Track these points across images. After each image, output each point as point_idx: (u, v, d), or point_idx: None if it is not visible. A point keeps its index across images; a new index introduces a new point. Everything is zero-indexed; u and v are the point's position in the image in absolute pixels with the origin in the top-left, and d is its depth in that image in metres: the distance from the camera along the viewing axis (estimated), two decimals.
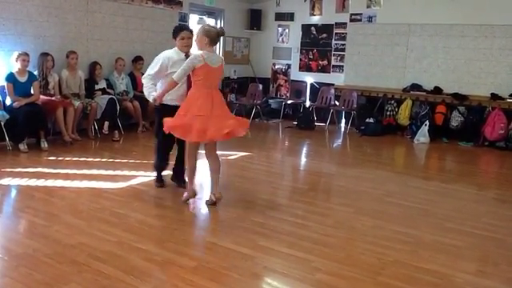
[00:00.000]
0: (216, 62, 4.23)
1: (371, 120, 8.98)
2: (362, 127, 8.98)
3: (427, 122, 8.42)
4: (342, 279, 3.09)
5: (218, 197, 4.43)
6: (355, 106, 9.39)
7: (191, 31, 4.65)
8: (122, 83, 7.79)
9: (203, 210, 4.58)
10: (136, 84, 8.11)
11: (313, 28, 10.25)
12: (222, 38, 4.57)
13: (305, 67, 10.48)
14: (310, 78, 10.37)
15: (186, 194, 4.52)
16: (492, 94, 8.25)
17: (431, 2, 8.76)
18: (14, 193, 4.73)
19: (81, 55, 7.15)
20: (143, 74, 8.27)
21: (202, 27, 4.30)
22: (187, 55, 4.51)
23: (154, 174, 5.00)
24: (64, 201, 4.44)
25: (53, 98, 6.63)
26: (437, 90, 8.75)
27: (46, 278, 2.92)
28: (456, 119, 8.39)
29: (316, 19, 10.21)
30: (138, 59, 8.13)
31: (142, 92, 8.02)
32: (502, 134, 7.94)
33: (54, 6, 7.01)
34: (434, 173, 6.73)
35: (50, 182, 4.92)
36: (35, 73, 6.51)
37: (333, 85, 9.88)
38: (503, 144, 7.98)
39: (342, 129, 9.67)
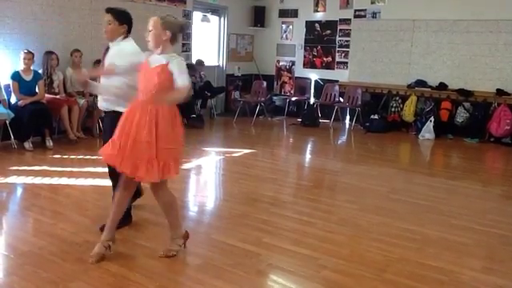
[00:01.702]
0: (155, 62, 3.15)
1: (376, 117, 8.95)
2: (367, 124, 8.96)
3: (432, 119, 8.39)
4: (347, 276, 3.09)
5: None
6: (360, 102, 9.35)
7: (107, 11, 3.61)
8: None
9: (208, 207, 4.60)
10: None
11: (317, 24, 10.22)
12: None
13: (309, 64, 10.45)
14: (314, 75, 10.34)
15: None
16: (498, 90, 8.20)
17: None
18: (19, 191, 4.75)
19: (85, 54, 7.16)
20: None
21: (160, 17, 3.32)
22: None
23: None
24: (69, 199, 4.45)
25: (58, 97, 6.65)
26: (442, 86, 8.70)
27: (51, 276, 2.92)
28: (461, 115, 8.36)
29: (320, 16, 10.17)
30: None
31: None
32: (508, 129, 7.89)
33: (58, 4, 7.02)
34: (439, 169, 6.71)
35: (55, 180, 4.94)
36: (40, 71, 6.52)
37: (337, 81, 9.85)
38: (509, 140, 7.94)
39: (347, 126, 9.64)
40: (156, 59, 3.17)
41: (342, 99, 9.68)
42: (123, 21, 3.61)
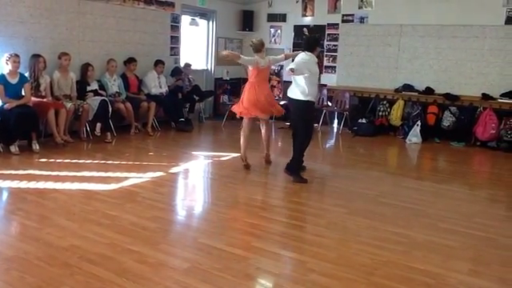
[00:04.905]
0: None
1: (364, 120, 9.01)
2: (355, 128, 9.00)
3: (419, 123, 8.46)
4: (335, 280, 3.09)
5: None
6: (348, 106, 9.42)
7: None
8: (114, 84, 7.75)
9: (196, 211, 4.59)
10: (128, 85, 8.08)
11: (305, 29, 10.27)
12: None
13: None
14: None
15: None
16: (483, 94, 8.30)
17: (422, 2, 8.81)
18: (5, 195, 4.69)
19: (72, 57, 7.10)
20: (136, 76, 8.37)
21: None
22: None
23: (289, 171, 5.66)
24: (56, 203, 4.40)
25: (44, 100, 6.58)
26: (429, 91, 8.80)
27: (37, 281, 2.89)
28: (448, 119, 8.44)
29: (308, 20, 10.22)
30: (131, 60, 8.10)
31: (135, 93, 8.13)
32: (494, 133, 7.99)
33: (45, 7, 6.97)
34: (426, 173, 6.76)
35: (41, 184, 4.88)
36: (26, 74, 6.46)
37: (325, 85, 9.90)
38: (494, 144, 8.04)
39: (335, 129, 9.69)
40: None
41: (330, 103, 9.73)
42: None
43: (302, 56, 5.61)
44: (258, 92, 5.87)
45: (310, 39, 5.96)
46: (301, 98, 5.46)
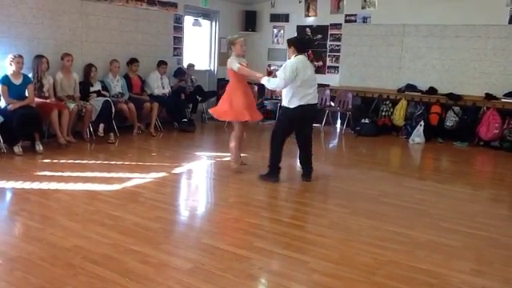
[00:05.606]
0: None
1: (366, 121, 9.00)
2: (358, 128, 9.00)
3: (422, 123, 8.45)
4: (337, 280, 3.10)
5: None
6: (350, 106, 9.41)
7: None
8: (117, 85, 7.77)
9: (199, 211, 4.60)
10: (131, 86, 8.10)
11: (308, 29, 10.27)
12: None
13: None
14: None
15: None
16: (486, 94, 8.28)
17: (425, 2, 8.80)
18: (8, 196, 4.71)
19: (75, 57, 7.13)
20: (139, 76, 8.39)
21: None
22: None
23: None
24: (59, 203, 4.42)
25: (47, 101, 6.61)
26: (432, 91, 8.79)
27: (41, 282, 2.91)
28: (451, 119, 8.42)
29: (311, 20, 10.23)
30: (133, 61, 8.12)
31: (137, 94, 8.15)
32: (497, 133, 7.97)
33: (48, 8, 7.00)
34: (429, 173, 6.75)
35: (44, 185, 4.90)
36: (30, 75, 6.49)
37: (328, 86, 9.90)
38: (498, 144, 8.02)
39: (338, 129, 9.68)
40: None
41: (332, 103, 9.73)
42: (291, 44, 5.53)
43: (302, 59, 5.43)
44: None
45: (304, 39, 6.26)
46: (316, 101, 5.64)
